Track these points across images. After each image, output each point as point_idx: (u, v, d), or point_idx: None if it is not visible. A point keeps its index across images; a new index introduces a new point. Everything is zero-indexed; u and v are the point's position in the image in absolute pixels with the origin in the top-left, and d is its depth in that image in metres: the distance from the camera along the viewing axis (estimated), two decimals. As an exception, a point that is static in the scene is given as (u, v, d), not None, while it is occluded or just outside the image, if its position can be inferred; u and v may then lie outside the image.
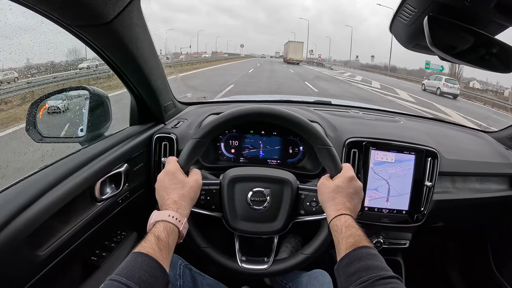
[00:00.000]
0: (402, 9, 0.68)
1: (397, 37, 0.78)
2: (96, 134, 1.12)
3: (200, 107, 1.55)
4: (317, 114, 1.38)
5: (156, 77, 1.11)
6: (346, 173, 0.81)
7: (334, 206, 0.75)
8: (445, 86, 16.18)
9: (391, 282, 0.58)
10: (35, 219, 0.71)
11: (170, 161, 0.82)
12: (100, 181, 0.93)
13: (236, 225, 0.90)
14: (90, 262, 0.95)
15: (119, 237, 1.07)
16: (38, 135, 1.03)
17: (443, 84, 16.27)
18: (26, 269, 0.71)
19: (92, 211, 0.91)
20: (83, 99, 1.14)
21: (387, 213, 1.18)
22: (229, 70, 22.40)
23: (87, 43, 0.83)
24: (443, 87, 16.16)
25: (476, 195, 1.29)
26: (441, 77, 17.37)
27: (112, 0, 0.71)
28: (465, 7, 0.58)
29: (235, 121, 0.87)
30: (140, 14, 0.87)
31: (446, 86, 16.15)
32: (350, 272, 0.62)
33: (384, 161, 1.16)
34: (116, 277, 0.55)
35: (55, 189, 0.78)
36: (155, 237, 0.64)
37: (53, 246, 0.77)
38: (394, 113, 1.71)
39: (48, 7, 0.68)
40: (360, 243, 0.66)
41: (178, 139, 1.21)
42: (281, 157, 1.26)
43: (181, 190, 0.75)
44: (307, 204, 0.90)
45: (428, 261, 1.80)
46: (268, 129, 1.25)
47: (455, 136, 1.54)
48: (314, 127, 0.87)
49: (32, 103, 1.03)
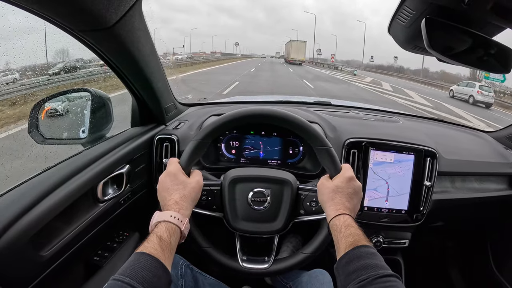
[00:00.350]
0: (400, 11, 0.69)
1: (395, 39, 0.79)
2: (97, 135, 1.12)
3: (201, 108, 1.56)
4: (316, 114, 1.39)
5: (157, 79, 1.12)
6: (346, 173, 0.82)
7: (334, 206, 0.76)
8: (480, 94, 13.86)
9: (390, 281, 0.59)
10: (38, 220, 0.72)
11: (171, 162, 0.82)
12: (102, 182, 0.94)
13: (237, 225, 0.91)
14: (93, 263, 0.96)
15: (121, 238, 1.08)
16: (40, 137, 1.04)
17: (477, 92, 13.90)
18: (30, 270, 0.72)
19: (95, 212, 0.91)
20: (85, 101, 1.15)
21: (387, 213, 1.18)
22: (220, 73, 18.65)
23: (90, 47, 0.85)
24: (477, 95, 13.85)
25: (475, 194, 1.30)
26: (474, 84, 14.77)
27: (114, 5, 0.72)
28: (463, 9, 0.59)
29: (236, 123, 0.88)
30: (142, 17, 0.88)
31: (481, 94, 13.84)
32: (349, 271, 0.63)
33: (383, 161, 1.17)
34: (120, 277, 0.56)
35: (58, 191, 0.79)
36: (158, 237, 0.65)
37: (56, 247, 0.77)
38: (393, 113, 1.72)
39: (51, 12, 0.69)
40: (359, 242, 0.67)
41: (179, 140, 1.21)
42: (281, 157, 1.27)
43: (182, 191, 0.76)
44: (307, 204, 0.91)
45: (428, 260, 1.80)
46: (268, 130, 1.26)
47: (454, 136, 1.55)
48: (313, 128, 0.88)
49: (34, 105, 1.04)
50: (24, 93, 2.25)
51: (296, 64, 38.97)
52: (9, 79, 2.32)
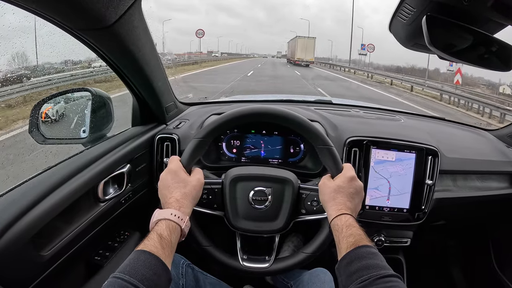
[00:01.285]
0: (401, 9, 0.69)
1: (396, 36, 0.79)
2: (98, 135, 1.13)
3: (202, 107, 1.55)
4: (317, 113, 1.39)
5: (157, 78, 1.12)
6: (347, 173, 0.82)
7: (335, 206, 0.76)
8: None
9: (391, 281, 0.59)
10: (39, 220, 0.72)
11: (172, 160, 0.82)
12: (103, 181, 0.94)
13: (237, 224, 0.90)
14: (94, 262, 0.96)
15: (122, 237, 1.08)
16: (41, 137, 1.04)
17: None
18: (31, 270, 0.72)
19: (96, 212, 0.92)
20: (85, 101, 1.15)
21: (388, 212, 1.18)
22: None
23: (89, 46, 0.84)
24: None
25: (477, 193, 1.29)
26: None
27: (114, 4, 0.71)
28: (463, 6, 0.58)
29: (237, 121, 0.88)
30: (141, 16, 0.88)
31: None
32: (350, 271, 0.63)
33: (384, 160, 1.17)
34: (119, 275, 0.56)
35: (59, 190, 0.79)
36: (158, 235, 0.64)
37: (57, 247, 0.77)
38: (395, 111, 1.71)
39: (51, 11, 0.69)
40: (360, 242, 0.67)
41: (180, 140, 1.21)
42: (282, 156, 1.27)
43: (183, 189, 0.76)
44: (308, 203, 0.91)
45: (430, 259, 1.80)
46: (269, 128, 1.26)
47: (456, 134, 1.54)
48: (315, 127, 0.88)
49: (35, 105, 1.04)
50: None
51: (302, 66, 32.96)
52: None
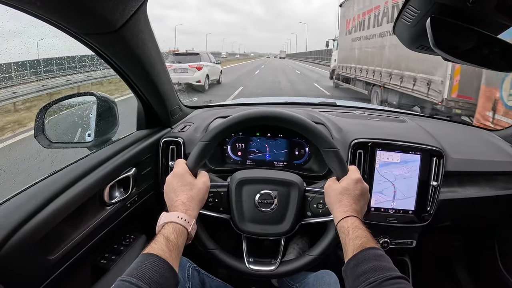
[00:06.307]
0: (405, 11, 0.69)
1: (400, 38, 0.79)
2: (103, 139, 1.13)
3: (206, 111, 1.56)
4: (322, 115, 1.38)
5: (162, 81, 1.12)
6: (353, 175, 0.82)
7: (341, 208, 0.76)
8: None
9: (399, 283, 0.59)
10: (45, 224, 0.72)
11: (178, 163, 0.83)
12: (109, 185, 0.95)
13: (243, 227, 0.90)
14: (100, 266, 0.96)
15: (128, 241, 1.08)
16: (47, 141, 1.05)
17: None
18: (37, 273, 0.72)
19: (102, 215, 0.92)
20: (90, 105, 1.16)
21: (394, 213, 1.18)
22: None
23: (94, 50, 0.85)
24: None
25: (483, 194, 1.28)
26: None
27: (120, 9, 0.72)
28: (467, 8, 0.58)
29: (242, 125, 0.88)
30: (147, 20, 0.88)
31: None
32: (357, 274, 0.63)
33: (389, 162, 1.16)
34: (127, 278, 0.56)
35: (65, 194, 0.79)
36: (165, 238, 0.65)
37: (64, 250, 0.78)
38: (399, 113, 1.71)
39: (56, 16, 0.70)
40: (367, 244, 0.67)
41: (185, 143, 1.22)
42: (287, 159, 1.27)
43: (189, 192, 0.76)
44: (314, 206, 0.91)
45: (435, 260, 1.79)
46: (274, 131, 1.26)
47: (461, 135, 1.53)
48: (319, 129, 0.88)
49: (40, 109, 1.05)
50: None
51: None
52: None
